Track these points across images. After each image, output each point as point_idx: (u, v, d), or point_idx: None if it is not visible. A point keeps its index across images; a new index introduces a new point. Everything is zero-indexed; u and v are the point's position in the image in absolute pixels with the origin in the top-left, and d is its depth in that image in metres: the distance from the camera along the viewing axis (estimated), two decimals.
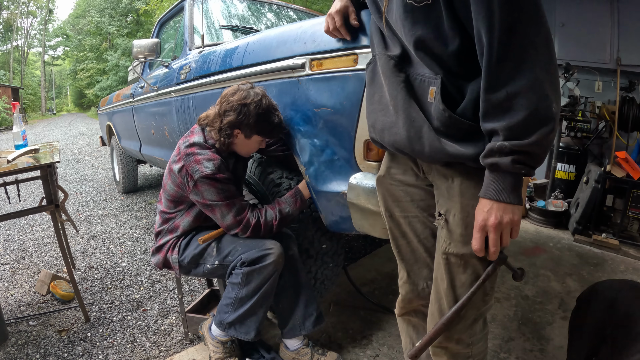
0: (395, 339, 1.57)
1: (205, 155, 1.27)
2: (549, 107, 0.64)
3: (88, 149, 8.33)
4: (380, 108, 0.88)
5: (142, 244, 2.75)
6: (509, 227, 0.71)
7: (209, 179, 1.23)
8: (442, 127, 0.74)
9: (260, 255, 1.26)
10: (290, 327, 1.39)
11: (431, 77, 0.75)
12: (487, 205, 0.70)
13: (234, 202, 1.28)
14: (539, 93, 0.63)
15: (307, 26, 1.28)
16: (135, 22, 28.15)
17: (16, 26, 31.49)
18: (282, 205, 1.33)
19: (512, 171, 0.67)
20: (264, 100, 1.27)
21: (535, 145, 0.64)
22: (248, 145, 1.35)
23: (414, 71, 0.80)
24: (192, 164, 1.24)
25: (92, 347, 1.57)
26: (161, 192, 1.42)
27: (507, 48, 0.62)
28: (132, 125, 3.23)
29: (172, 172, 1.31)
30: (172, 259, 1.38)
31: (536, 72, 0.63)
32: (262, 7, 2.62)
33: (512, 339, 1.58)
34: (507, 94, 0.64)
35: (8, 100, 18.50)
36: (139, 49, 2.17)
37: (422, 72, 0.78)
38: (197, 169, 1.23)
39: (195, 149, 1.28)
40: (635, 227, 2.65)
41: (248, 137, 1.31)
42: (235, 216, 1.28)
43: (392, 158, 0.96)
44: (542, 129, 0.64)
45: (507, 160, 0.66)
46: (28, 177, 2.12)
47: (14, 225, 3.20)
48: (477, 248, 0.73)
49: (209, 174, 1.23)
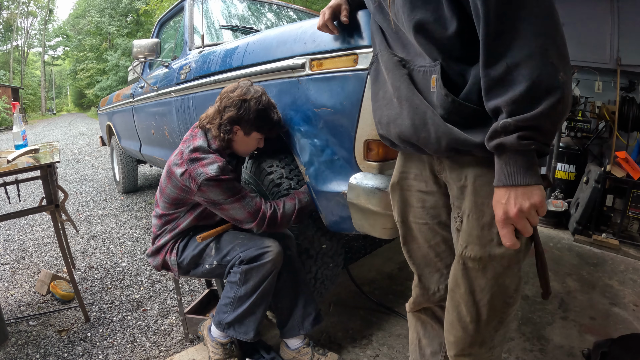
0: (395, 339, 1.57)
1: (209, 158, 1.25)
2: (553, 75, 0.58)
3: (88, 149, 8.33)
4: (385, 103, 0.86)
5: (142, 244, 2.75)
6: (533, 211, 0.65)
7: (213, 181, 1.21)
8: (446, 113, 0.71)
9: (258, 253, 1.26)
10: (289, 327, 1.39)
11: (432, 65, 0.73)
12: (503, 195, 0.65)
13: (243, 196, 1.27)
14: (541, 61, 0.58)
15: (307, 26, 1.28)
16: (135, 22, 28.14)
17: (16, 26, 31.48)
18: (302, 196, 1.34)
19: (520, 149, 0.61)
20: (263, 97, 1.28)
21: (542, 118, 0.59)
22: (247, 144, 1.35)
23: (416, 64, 0.78)
24: (197, 167, 1.23)
25: (92, 347, 1.57)
26: (158, 195, 1.40)
27: (503, 19, 0.59)
28: (132, 125, 3.23)
29: (172, 176, 1.28)
30: (170, 260, 1.37)
31: (538, 40, 0.58)
32: (262, 7, 2.62)
33: (512, 339, 1.58)
34: (507, 66, 0.60)
35: (8, 100, 18.50)
36: (139, 49, 2.17)
37: (423, 63, 0.75)
38: (202, 172, 1.22)
39: (199, 154, 1.26)
40: (635, 227, 2.65)
41: (247, 134, 1.31)
42: (248, 210, 1.26)
43: (405, 162, 0.93)
44: (548, 99, 0.58)
45: (512, 138, 0.61)
46: (28, 177, 2.12)
47: (14, 225, 3.20)
48: (509, 244, 0.67)
49: (213, 175, 1.21)
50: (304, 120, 1.28)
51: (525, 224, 0.66)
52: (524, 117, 0.60)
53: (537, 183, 0.64)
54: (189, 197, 1.29)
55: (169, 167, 1.30)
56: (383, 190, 1.09)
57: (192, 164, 1.24)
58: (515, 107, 0.60)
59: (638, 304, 1.88)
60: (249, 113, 1.26)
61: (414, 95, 0.76)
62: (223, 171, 1.23)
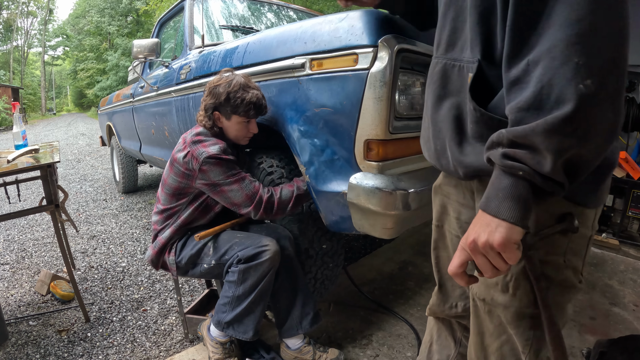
0: (395, 339, 1.57)
1: (211, 140, 1.31)
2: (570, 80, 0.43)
3: (88, 149, 8.33)
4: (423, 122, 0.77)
5: (142, 244, 2.75)
6: (491, 252, 0.51)
7: (214, 159, 1.26)
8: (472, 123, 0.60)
9: (256, 252, 1.26)
10: (287, 327, 1.39)
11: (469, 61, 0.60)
12: (477, 217, 0.54)
13: (242, 178, 1.29)
14: (560, 58, 0.44)
15: (307, 26, 1.28)
16: (135, 22, 28.15)
17: (16, 26, 31.51)
18: (300, 183, 1.35)
19: (505, 170, 0.49)
20: (235, 79, 1.30)
21: (538, 136, 0.45)
22: (234, 129, 1.37)
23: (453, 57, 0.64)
24: (198, 147, 1.28)
25: (92, 347, 1.57)
26: (159, 190, 1.42)
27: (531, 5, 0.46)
28: (132, 125, 3.23)
29: (175, 162, 1.32)
30: (169, 260, 1.38)
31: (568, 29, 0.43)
32: (262, 7, 2.62)
33: None
34: (528, 63, 0.47)
35: (8, 100, 18.51)
36: (139, 49, 2.17)
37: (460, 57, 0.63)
38: (203, 151, 1.27)
39: (201, 137, 1.33)
40: (635, 227, 2.65)
41: (228, 119, 1.34)
42: (246, 192, 1.28)
43: None
44: (553, 112, 0.44)
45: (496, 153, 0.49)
46: (28, 177, 2.12)
47: (14, 225, 3.20)
48: (450, 269, 0.57)
49: (215, 153, 1.26)
50: (304, 120, 1.28)
51: (482, 261, 0.53)
52: (515, 129, 0.48)
53: (509, 220, 0.49)
54: (191, 183, 1.32)
55: (172, 156, 1.36)
56: (383, 190, 1.09)
57: (195, 145, 1.30)
58: (520, 116, 0.48)
59: (638, 304, 1.88)
60: (220, 96, 1.30)
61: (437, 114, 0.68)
62: (224, 151, 1.29)
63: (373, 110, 1.09)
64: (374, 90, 1.08)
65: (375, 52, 1.07)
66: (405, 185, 1.11)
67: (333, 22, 1.20)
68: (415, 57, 1.15)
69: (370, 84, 1.08)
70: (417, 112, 1.24)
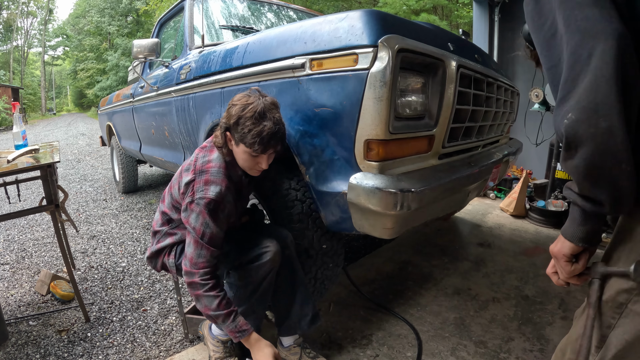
0: (395, 339, 1.57)
1: (217, 177, 1.19)
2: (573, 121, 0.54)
3: (88, 149, 8.33)
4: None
5: (142, 244, 2.75)
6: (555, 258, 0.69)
7: (204, 206, 1.14)
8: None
9: (257, 253, 1.26)
10: (286, 326, 1.39)
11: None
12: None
13: (206, 246, 1.15)
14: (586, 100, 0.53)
15: (307, 26, 1.29)
16: (135, 22, 28.16)
17: (16, 26, 31.51)
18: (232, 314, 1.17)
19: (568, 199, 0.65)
20: (254, 104, 1.13)
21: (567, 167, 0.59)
22: (240, 157, 1.22)
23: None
24: (200, 182, 1.18)
25: (92, 347, 1.57)
26: (167, 190, 1.39)
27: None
28: (132, 125, 3.23)
29: (180, 180, 1.25)
30: (169, 262, 1.38)
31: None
32: (262, 7, 2.62)
33: (512, 339, 1.58)
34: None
35: (8, 100, 18.51)
36: (139, 49, 2.17)
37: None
38: (202, 189, 1.16)
39: (211, 165, 1.21)
40: None
41: (237, 145, 1.19)
42: (193, 257, 1.16)
43: None
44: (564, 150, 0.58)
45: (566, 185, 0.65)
46: (28, 177, 2.12)
47: (14, 225, 3.20)
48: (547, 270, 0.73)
49: (210, 199, 1.14)
50: (304, 120, 1.28)
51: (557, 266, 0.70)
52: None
53: (563, 234, 0.66)
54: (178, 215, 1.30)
55: (181, 168, 1.30)
56: (383, 190, 1.09)
57: (200, 176, 1.19)
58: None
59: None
60: (231, 118, 1.14)
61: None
62: (222, 198, 1.16)
63: (373, 110, 1.09)
64: (374, 90, 1.08)
65: (375, 52, 1.07)
66: (405, 185, 1.11)
67: (333, 22, 1.20)
68: (415, 57, 1.15)
69: (370, 84, 1.08)
70: (417, 112, 1.24)
